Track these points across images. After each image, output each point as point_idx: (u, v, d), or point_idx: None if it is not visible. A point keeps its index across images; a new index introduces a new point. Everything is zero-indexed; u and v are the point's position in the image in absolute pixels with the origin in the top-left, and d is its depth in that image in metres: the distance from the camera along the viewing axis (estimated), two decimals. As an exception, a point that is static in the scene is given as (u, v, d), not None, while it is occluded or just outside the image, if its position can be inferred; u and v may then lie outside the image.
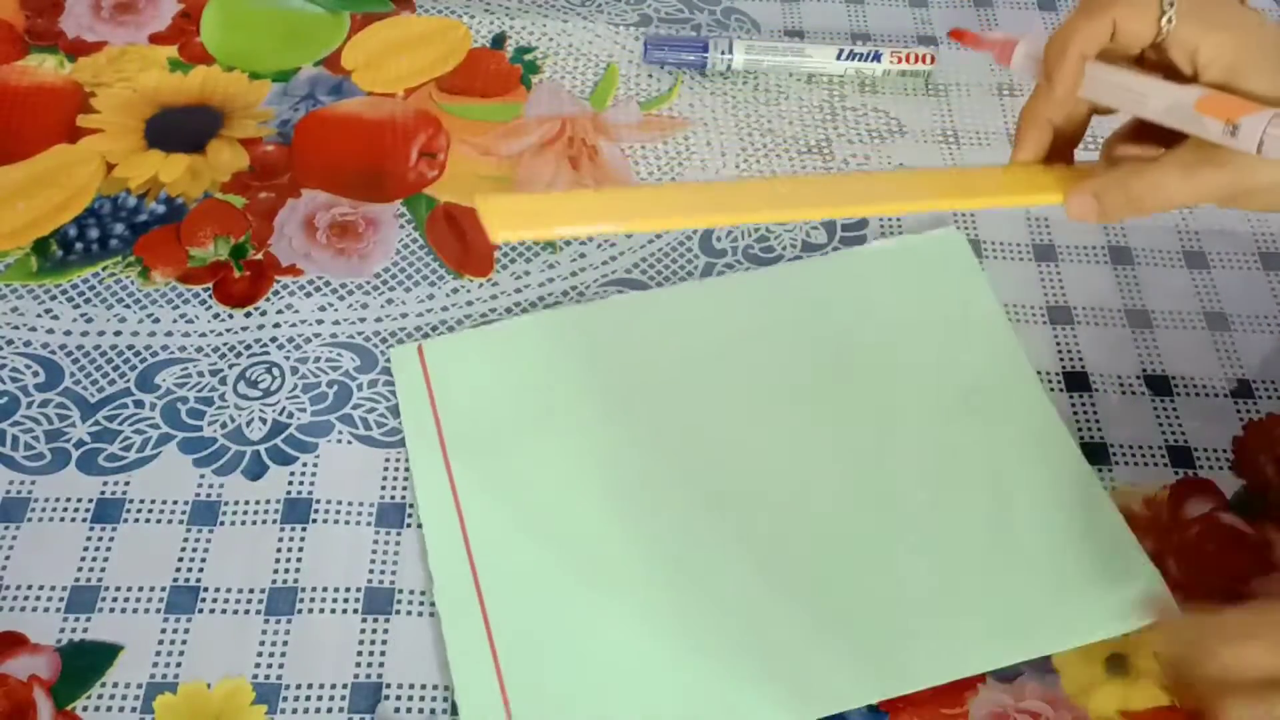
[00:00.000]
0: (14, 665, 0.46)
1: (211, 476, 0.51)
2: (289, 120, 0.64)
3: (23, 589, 0.48)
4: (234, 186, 0.62)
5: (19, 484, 0.51)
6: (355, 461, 0.52)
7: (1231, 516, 0.52)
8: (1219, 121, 0.41)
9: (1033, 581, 0.49)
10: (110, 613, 0.47)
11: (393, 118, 0.65)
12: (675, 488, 0.51)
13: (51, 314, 0.56)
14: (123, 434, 0.52)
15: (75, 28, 0.69)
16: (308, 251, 0.59)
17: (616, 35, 0.70)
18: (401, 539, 0.50)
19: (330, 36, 0.69)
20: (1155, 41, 0.43)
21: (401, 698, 0.46)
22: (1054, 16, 0.73)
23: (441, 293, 0.58)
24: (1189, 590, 0.49)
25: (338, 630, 0.47)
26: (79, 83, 0.66)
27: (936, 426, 0.53)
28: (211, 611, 0.47)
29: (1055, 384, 0.56)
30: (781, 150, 0.65)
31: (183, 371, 0.54)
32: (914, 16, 0.73)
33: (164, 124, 0.64)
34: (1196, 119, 0.42)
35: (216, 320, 0.56)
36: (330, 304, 0.57)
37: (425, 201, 0.61)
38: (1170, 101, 0.43)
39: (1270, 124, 0.40)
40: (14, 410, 0.53)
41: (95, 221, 0.60)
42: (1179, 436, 0.54)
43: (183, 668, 0.46)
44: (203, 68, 0.67)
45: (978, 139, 0.66)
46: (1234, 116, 0.41)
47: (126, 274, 0.58)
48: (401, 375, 0.54)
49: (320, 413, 0.53)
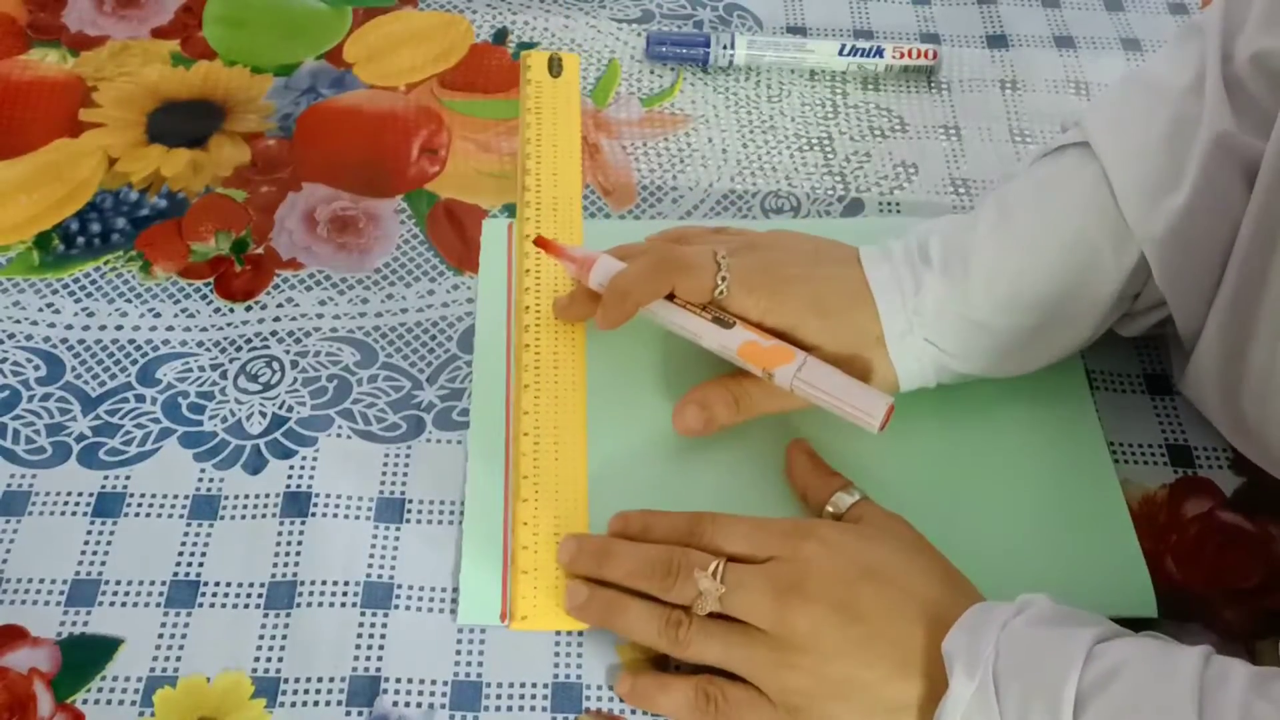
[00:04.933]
0: (14, 658, 0.46)
1: (212, 470, 0.51)
2: (290, 114, 0.64)
3: (23, 582, 0.48)
4: (235, 181, 0.62)
5: (20, 478, 0.51)
6: (355, 456, 0.52)
7: (1231, 514, 0.52)
8: (757, 368, 0.49)
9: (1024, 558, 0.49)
10: (110, 606, 0.47)
11: (394, 111, 0.65)
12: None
13: (53, 308, 0.56)
14: (123, 428, 0.52)
15: (77, 22, 0.69)
16: (308, 246, 0.59)
17: (618, 31, 0.70)
18: (400, 534, 0.50)
19: (332, 31, 0.69)
20: (714, 300, 0.50)
21: (400, 691, 0.46)
22: (1057, 13, 0.73)
23: (442, 288, 0.58)
24: (1189, 589, 0.49)
25: (336, 624, 0.47)
26: (81, 77, 0.66)
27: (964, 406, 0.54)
28: (211, 605, 0.48)
29: (1055, 382, 0.56)
30: (783, 147, 0.65)
31: (183, 366, 0.54)
32: (916, 13, 0.73)
33: (166, 118, 0.64)
34: (742, 361, 0.50)
35: (217, 314, 0.56)
36: (330, 298, 0.57)
37: (426, 197, 0.61)
38: (719, 344, 0.50)
39: (796, 374, 0.49)
40: (15, 404, 0.53)
41: (97, 216, 0.60)
42: (1179, 436, 0.54)
43: (182, 661, 0.46)
44: (205, 62, 0.67)
45: (980, 135, 0.66)
46: (768, 367, 0.49)
47: (128, 268, 0.58)
48: (488, 248, 0.57)
49: (320, 407, 0.53)
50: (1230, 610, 0.49)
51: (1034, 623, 0.40)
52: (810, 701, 0.42)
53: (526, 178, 0.60)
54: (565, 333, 0.55)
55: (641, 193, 0.62)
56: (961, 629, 0.41)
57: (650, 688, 0.45)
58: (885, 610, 0.42)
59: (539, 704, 0.46)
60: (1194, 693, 0.36)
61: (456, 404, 0.54)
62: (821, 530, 0.45)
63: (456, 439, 0.53)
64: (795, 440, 0.51)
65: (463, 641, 0.47)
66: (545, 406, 0.52)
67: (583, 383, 0.53)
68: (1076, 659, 0.38)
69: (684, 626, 0.44)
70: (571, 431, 0.52)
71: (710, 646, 0.44)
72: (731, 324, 0.50)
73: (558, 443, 0.51)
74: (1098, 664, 0.38)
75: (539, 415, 0.52)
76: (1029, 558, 0.49)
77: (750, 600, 0.43)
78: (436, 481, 0.51)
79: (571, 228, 0.59)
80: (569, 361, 0.54)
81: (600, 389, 0.53)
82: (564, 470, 0.51)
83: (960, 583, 0.44)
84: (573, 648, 0.47)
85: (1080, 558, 0.49)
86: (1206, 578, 0.50)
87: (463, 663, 0.47)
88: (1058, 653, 0.38)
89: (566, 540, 0.48)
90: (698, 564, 0.45)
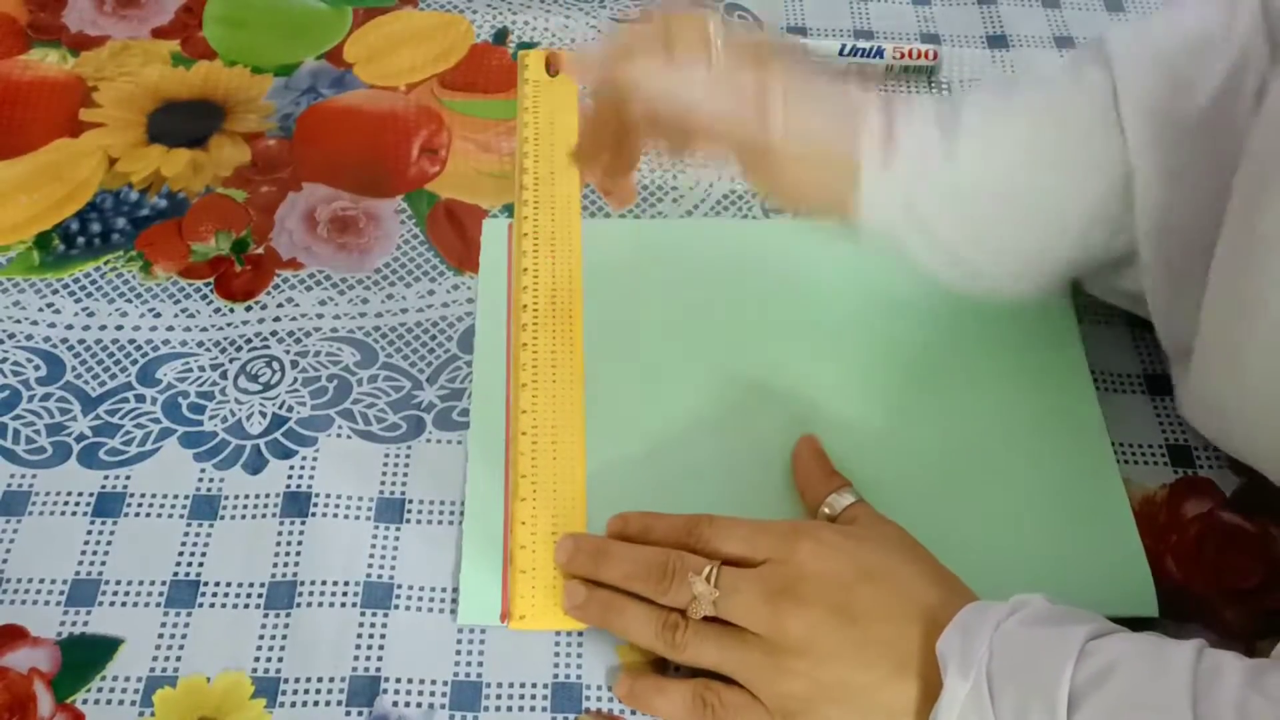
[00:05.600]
0: (14, 658, 0.46)
1: (212, 470, 0.51)
2: (290, 114, 0.64)
3: (23, 582, 0.48)
4: (235, 181, 0.62)
5: (20, 478, 0.51)
6: (355, 456, 0.52)
7: (1231, 514, 0.52)
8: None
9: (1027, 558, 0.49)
10: (110, 606, 0.47)
11: (394, 111, 0.65)
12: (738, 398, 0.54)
13: (53, 308, 0.56)
14: (124, 428, 0.52)
15: (78, 22, 0.69)
16: (308, 246, 0.59)
17: (619, 31, 0.70)
18: (400, 534, 0.50)
19: (333, 31, 0.69)
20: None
21: (400, 691, 0.46)
22: (1057, 14, 0.73)
23: (442, 288, 0.58)
24: (1189, 589, 0.49)
25: (336, 624, 0.47)
26: (81, 77, 0.66)
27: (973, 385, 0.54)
28: (211, 605, 0.48)
29: (1055, 382, 0.56)
30: (783, 147, 0.65)
31: (184, 366, 0.54)
32: (916, 14, 0.73)
33: (166, 118, 0.64)
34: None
35: (217, 314, 0.56)
36: (331, 298, 0.57)
37: (426, 197, 0.61)
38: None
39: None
40: (15, 404, 0.53)
41: (97, 216, 0.60)
42: (1179, 436, 0.54)
43: (182, 661, 0.46)
44: (205, 62, 0.67)
45: (980, 136, 0.66)
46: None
47: (128, 268, 0.58)
48: (488, 247, 0.58)
49: (320, 407, 0.53)
50: (1230, 610, 0.49)
51: (1028, 622, 0.40)
52: (806, 706, 0.42)
53: (524, 176, 0.60)
54: (563, 332, 0.55)
55: (641, 192, 0.62)
56: (955, 629, 0.40)
57: (648, 691, 0.45)
58: (880, 612, 0.42)
59: (539, 704, 0.46)
60: (1188, 688, 0.36)
61: (457, 404, 0.54)
62: (816, 532, 0.45)
63: (457, 439, 0.53)
64: (805, 436, 0.51)
65: (463, 641, 0.47)
66: (543, 406, 0.52)
67: (580, 382, 0.53)
68: (1070, 656, 0.38)
69: (680, 630, 0.44)
70: (569, 431, 0.52)
71: (706, 650, 0.44)
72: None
73: (555, 442, 0.51)
74: (1091, 661, 0.38)
75: (537, 415, 0.52)
76: (1030, 556, 0.49)
77: (744, 604, 0.43)
78: (436, 482, 0.51)
79: (571, 227, 0.59)
80: (567, 361, 0.54)
81: (598, 388, 0.53)
82: (562, 469, 0.51)
83: (955, 584, 0.44)
84: (573, 648, 0.47)
85: (1082, 555, 0.49)
86: (1207, 578, 0.50)
87: (463, 663, 0.47)
88: (1051, 651, 0.38)
89: (564, 540, 0.48)
90: (693, 567, 0.44)
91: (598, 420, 0.52)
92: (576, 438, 0.52)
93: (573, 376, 0.53)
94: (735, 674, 0.44)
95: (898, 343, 0.56)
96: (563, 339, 0.54)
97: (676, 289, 0.57)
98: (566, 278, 0.56)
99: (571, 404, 0.52)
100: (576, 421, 0.52)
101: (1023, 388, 0.54)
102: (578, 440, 0.51)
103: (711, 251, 0.58)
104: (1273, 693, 0.36)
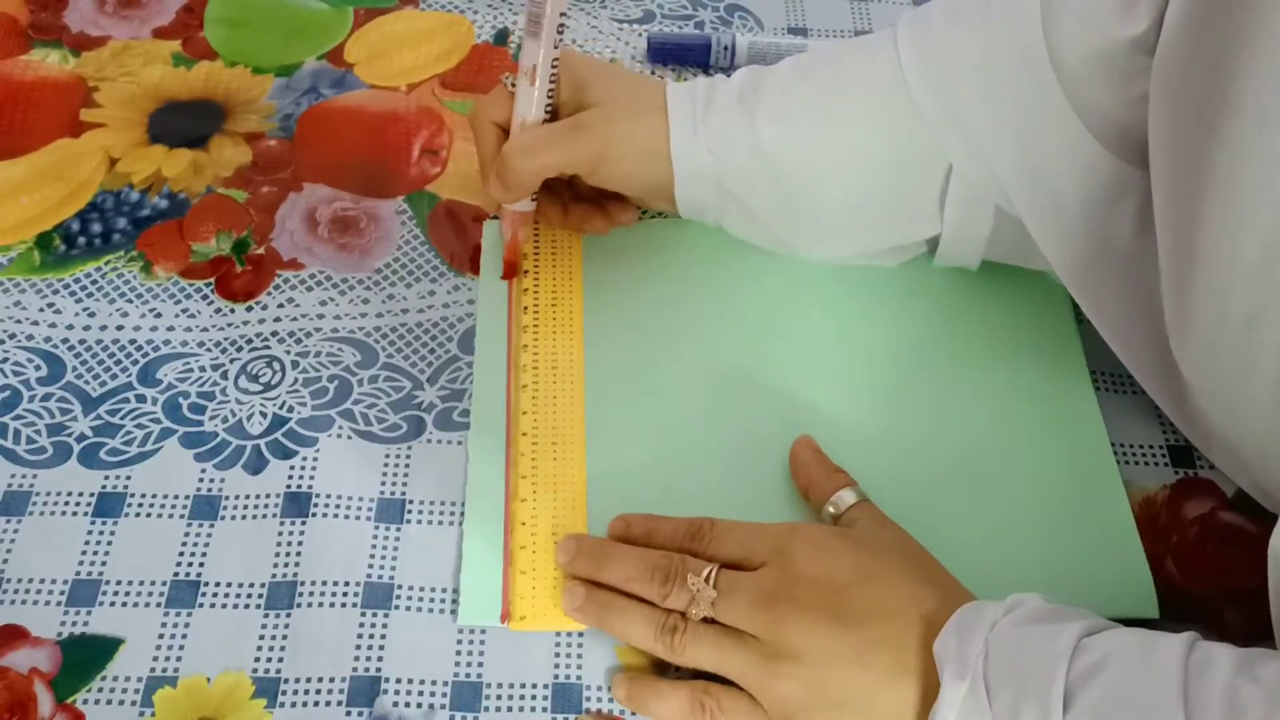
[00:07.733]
0: (15, 658, 0.46)
1: (212, 471, 0.51)
2: (291, 115, 0.65)
3: (24, 582, 0.48)
4: (236, 181, 0.62)
5: (21, 477, 0.51)
6: (355, 456, 0.52)
7: (1232, 515, 0.52)
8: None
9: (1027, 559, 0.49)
10: (111, 606, 0.47)
11: (395, 112, 0.65)
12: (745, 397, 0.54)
13: (54, 308, 0.56)
14: (124, 428, 0.52)
15: (79, 22, 0.69)
16: (309, 246, 0.59)
17: (620, 32, 0.70)
18: (401, 534, 0.50)
19: (333, 31, 0.69)
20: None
21: (400, 692, 0.46)
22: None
23: (442, 289, 0.58)
24: (1190, 590, 0.49)
25: (337, 624, 0.47)
26: (82, 77, 0.66)
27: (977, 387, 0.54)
28: (212, 606, 0.48)
29: (1056, 382, 0.56)
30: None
31: (184, 366, 0.55)
32: (918, 13, 0.73)
33: (167, 119, 0.64)
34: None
35: (218, 315, 0.56)
36: (331, 299, 0.57)
37: (427, 198, 0.61)
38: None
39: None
40: (16, 404, 0.53)
41: (98, 216, 0.60)
42: (1179, 436, 0.54)
43: (183, 661, 0.46)
44: (206, 63, 0.67)
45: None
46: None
47: (129, 268, 0.58)
48: (489, 248, 0.58)
49: (321, 407, 0.53)
50: (1231, 611, 0.49)
51: (1022, 621, 0.40)
52: (804, 709, 0.42)
53: None
54: (563, 333, 0.55)
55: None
56: (951, 631, 0.40)
57: (646, 693, 0.45)
58: (877, 615, 0.42)
59: (539, 704, 0.46)
60: (1179, 678, 0.36)
61: (457, 405, 0.54)
62: (814, 536, 0.45)
63: (457, 439, 0.53)
64: (801, 436, 0.51)
65: (463, 642, 0.47)
66: (543, 407, 0.52)
67: (581, 382, 0.53)
68: (1064, 653, 0.38)
69: (679, 632, 0.44)
70: (570, 432, 0.52)
71: (704, 653, 0.44)
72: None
73: (556, 443, 0.51)
74: (1085, 657, 0.38)
75: (537, 415, 0.52)
76: (1030, 557, 0.49)
77: (741, 607, 0.43)
78: (437, 482, 0.51)
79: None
80: (567, 362, 0.54)
81: (598, 389, 0.53)
82: (562, 470, 0.51)
83: (952, 586, 0.44)
84: (573, 649, 0.47)
85: (1082, 556, 0.49)
86: (1207, 579, 0.50)
87: (463, 663, 0.47)
88: (1045, 649, 0.38)
89: (566, 541, 0.48)
90: (692, 570, 0.45)
91: (598, 421, 0.52)
92: (577, 438, 0.52)
93: (573, 377, 0.53)
94: (733, 677, 0.44)
95: (898, 344, 0.56)
96: (563, 340, 0.54)
97: (677, 289, 0.57)
98: (567, 278, 0.56)
99: (572, 405, 0.53)
100: (577, 422, 0.52)
101: (1022, 388, 0.54)
102: (578, 441, 0.51)
103: (712, 252, 0.58)
104: (1263, 679, 0.36)
